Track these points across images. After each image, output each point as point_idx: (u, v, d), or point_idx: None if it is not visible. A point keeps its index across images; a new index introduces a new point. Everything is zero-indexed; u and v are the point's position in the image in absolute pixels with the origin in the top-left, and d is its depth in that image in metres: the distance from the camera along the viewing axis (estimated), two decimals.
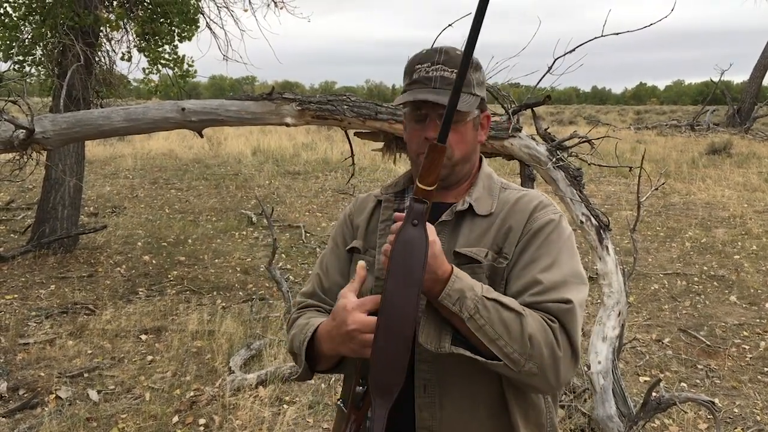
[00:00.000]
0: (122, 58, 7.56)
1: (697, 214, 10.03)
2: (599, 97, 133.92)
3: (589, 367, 3.56)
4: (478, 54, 1.42)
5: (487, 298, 1.34)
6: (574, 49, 4.02)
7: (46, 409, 3.87)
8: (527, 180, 4.37)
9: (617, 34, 4.01)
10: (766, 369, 4.60)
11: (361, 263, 1.46)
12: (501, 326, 1.32)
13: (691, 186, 12.32)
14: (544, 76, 4.13)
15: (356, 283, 1.42)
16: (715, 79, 27.15)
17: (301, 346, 1.50)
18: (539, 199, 1.57)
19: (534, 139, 4.09)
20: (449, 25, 3.81)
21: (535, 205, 1.55)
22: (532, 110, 4.20)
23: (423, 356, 1.43)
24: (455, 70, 1.47)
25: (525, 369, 1.33)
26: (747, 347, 4.99)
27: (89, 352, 4.70)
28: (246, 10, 8.30)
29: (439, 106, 1.48)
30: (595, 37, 4.07)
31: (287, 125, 4.20)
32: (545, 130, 4.13)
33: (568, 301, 1.38)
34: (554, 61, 4.04)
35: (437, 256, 1.32)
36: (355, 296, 1.39)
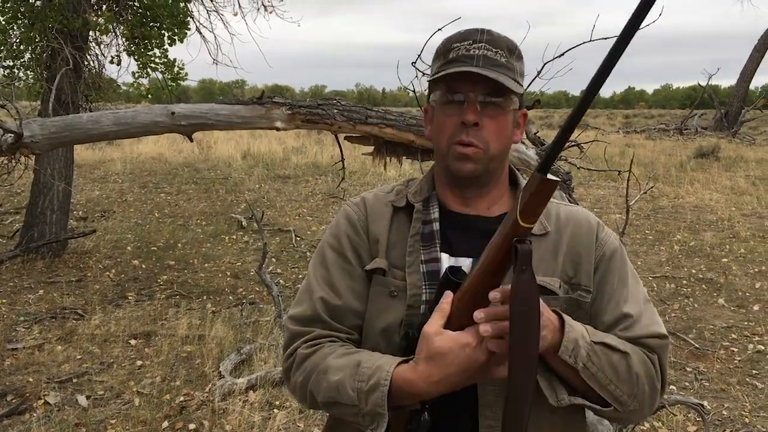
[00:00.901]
0: (111, 62, 7.54)
1: (685, 217, 10.09)
2: None
3: None
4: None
5: (596, 343, 1.24)
6: (563, 54, 4.04)
7: (35, 414, 3.85)
8: None
9: (606, 38, 4.02)
10: (754, 371, 4.63)
11: (449, 293, 1.20)
12: (611, 370, 1.25)
13: (679, 189, 12.39)
14: (533, 80, 4.15)
15: (441, 319, 1.18)
16: (703, 83, 27.37)
17: (379, 401, 1.20)
18: (592, 216, 1.46)
19: (523, 143, 4.11)
20: (439, 29, 3.81)
21: (595, 225, 1.43)
22: None
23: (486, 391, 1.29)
24: (500, 51, 1.31)
25: (630, 408, 1.29)
26: (735, 350, 5.02)
27: (78, 357, 4.68)
28: (236, 14, 8.31)
29: (480, 85, 1.29)
30: (584, 42, 4.09)
31: (277, 129, 4.20)
32: (535, 134, 4.15)
33: (664, 336, 1.36)
34: (543, 66, 4.06)
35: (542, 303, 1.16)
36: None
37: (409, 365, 1.20)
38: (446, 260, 1.35)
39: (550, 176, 1.07)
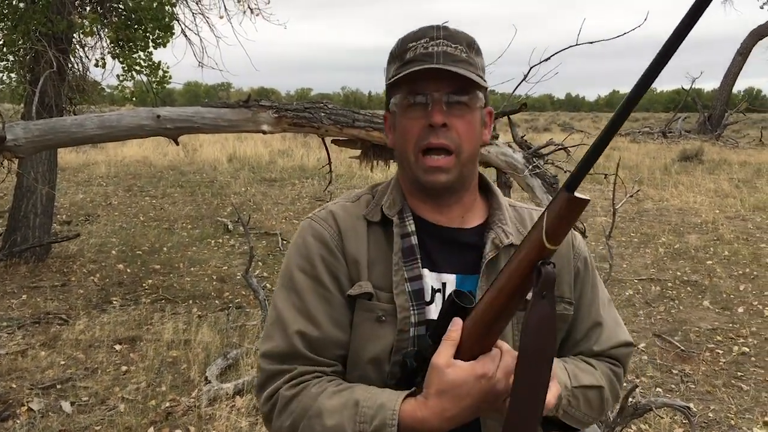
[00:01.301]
0: (96, 65, 7.48)
1: (670, 220, 10.16)
2: (573, 104, 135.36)
3: None
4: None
5: (574, 387, 1.27)
6: (549, 58, 4.06)
7: (18, 421, 3.80)
8: (503, 187, 4.40)
9: (591, 43, 4.05)
10: (739, 373, 4.66)
11: (458, 320, 1.11)
12: (587, 407, 1.30)
13: (663, 192, 12.48)
14: (519, 84, 4.17)
15: (451, 349, 1.10)
16: (686, 86, 27.59)
17: None
18: None
19: (510, 146, 4.11)
20: None
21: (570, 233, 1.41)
22: (509, 118, 4.23)
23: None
24: (460, 46, 1.24)
25: (592, 423, 1.34)
26: (720, 352, 5.06)
27: (62, 362, 4.63)
28: (222, 17, 8.27)
29: (445, 83, 1.22)
30: (570, 46, 4.12)
31: (264, 133, 4.19)
32: (522, 137, 4.16)
33: (629, 344, 1.41)
34: (530, 70, 4.08)
35: None
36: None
37: (418, 401, 1.11)
38: (429, 276, 1.29)
39: (579, 194, 0.98)
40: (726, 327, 5.58)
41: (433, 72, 1.20)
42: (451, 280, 1.30)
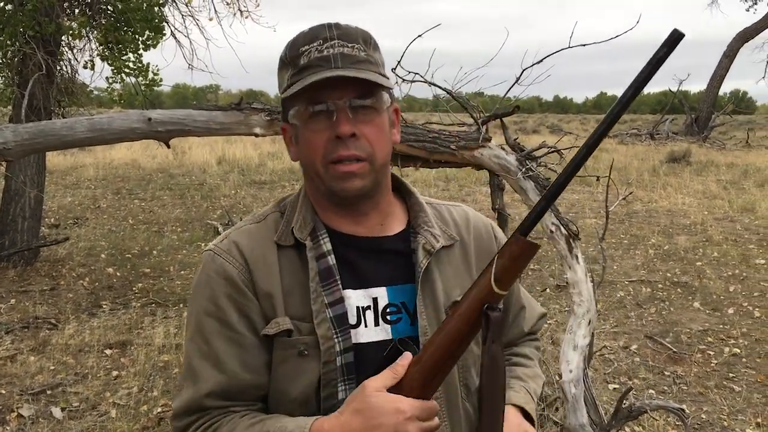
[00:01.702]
0: (85, 67, 7.43)
1: (659, 221, 10.20)
2: (561, 106, 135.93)
3: (560, 376, 3.58)
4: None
5: (533, 396, 1.37)
6: (541, 60, 4.06)
7: (8, 428, 3.76)
8: (496, 190, 4.40)
9: (584, 45, 4.05)
10: (731, 375, 4.68)
11: (408, 355, 1.10)
12: (536, 398, 1.39)
13: (652, 194, 12.53)
14: (512, 86, 4.17)
15: (389, 380, 1.07)
16: (673, 88, 27.75)
17: None
18: (480, 214, 1.43)
19: (503, 148, 4.11)
20: (419, 35, 3.82)
21: (489, 224, 1.42)
22: (501, 120, 4.22)
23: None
24: (356, 45, 1.16)
25: None
26: (712, 353, 5.08)
27: (52, 368, 4.58)
28: (211, 19, 8.26)
29: (349, 88, 1.14)
30: (563, 48, 4.11)
31: (256, 135, 4.16)
32: (514, 140, 4.15)
33: (544, 315, 1.53)
34: (522, 72, 4.07)
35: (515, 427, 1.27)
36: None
37: (333, 414, 1.10)
38: (354, 296, 1.22)
39: (530, 240, 1.02)
40: (717, 328, 5.61)
41: (335, 78, 1.12)
42: (381, 293, 1.24)
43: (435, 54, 4.05)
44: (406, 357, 1.09)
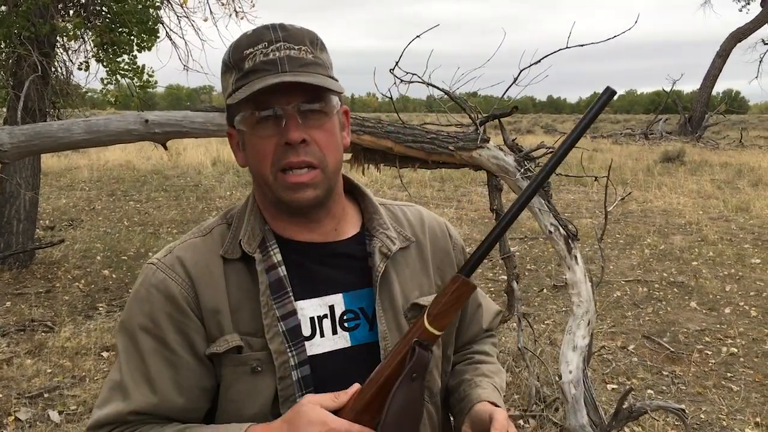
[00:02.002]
0: (80, 68, 7.40)
1: (654, 221, 10.23)
2: (555, 106, 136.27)
3: (560, 377, 3.58)
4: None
5: (500, 391, 1.35)
6: (540, 60, 4.06)
7: (5, 431, 3.73)
8: (494, 190, 4.39)
9: (582, 45, 4.06)
10: (729, 374, 4.69)
11: (356, 385, 1.08)
12: (502, 392, 1.37)
13: (647, 194, 12.56)
14: (510, 86, 4.17)
15: (330, 402, 1.07)
16: (666, 88, 27.85)
17: None
18: (434, 214, 1.41)
19: (501, 149, 4.11)
20: (417, 36, 3.81)
21: (444, 224, 1.40)
22: (499, 121, 4.22)
23: None
24: (303, 47, 1.12)
25: None
26: (709, 353, 5.09)
27: (49, 371, 4.56)
28: (206, 20, 8.22)
29: (296, 92, 1.09)
30: (560, 49, 4.11)
31: None
32: (513, 140, 4.15)
33: (500, 312, 1.55)
34: (520, 72, 4.08)
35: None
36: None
37: (266, 423, 1.10)
38: (308, 307, 1.19)
39: (469, 279, 1.04)
40: (714, 328, 5.62)
41: (283, 84, 1.08)
42: (338, 300, 1.21)
43: (427, 55, 4.05)
44: (354, 387, 1.07)
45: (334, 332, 1.20)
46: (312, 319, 1.19)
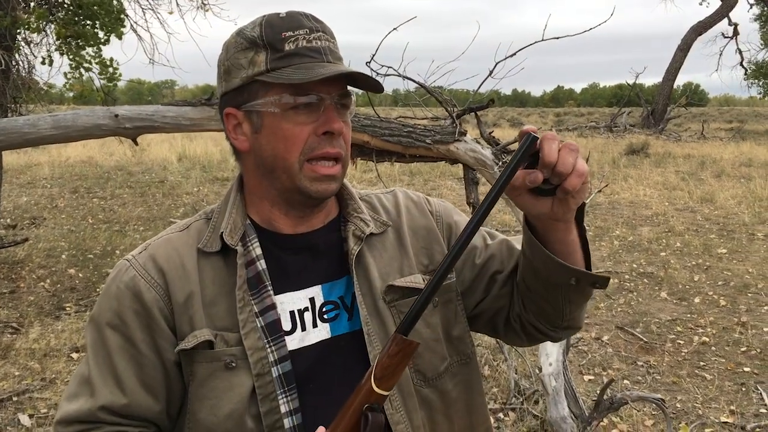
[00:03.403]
0: (43, 63, 7.20)
1: (622, 213, 10.35)
2: (519, 99, 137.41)
3: (540, 369, 3.58)
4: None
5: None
6: (515, 53, 4.06)
7: None
8: (471, 183, 4.38)
9: (557, 38, 4.06)
10: (701, 363, 4.75)
11: (321, 429, 1.05)
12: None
13: (614, 185, 12.70)
14: (485, 80, 4.16)
15: None
16: (629, 81, 28.21)
17: None
18: (412, 193, 1.38)
19: (479, 142, 4.10)
20: (394, 28, 3.77)
21: (423, 201, 1.36)
22: (476, 114, 4.21)
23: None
24: (334, 41, 1.15)
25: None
26: (681, 342, 5.15)
27: (17, 373, 4.43)
28: (171, 12, 8.08)
29: (336, 85, 1.11)
30: (536, 42, 4.12)
31: None
32: (489, 133, 4.14)
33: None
34: (495, 65, 4.07)
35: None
36: None
37: None
38: (288, 300, 1.18)
39: (410, 338, 1.02)
40: (685, 317, 5.70)
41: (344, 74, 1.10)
42: (317, 292, 1.20)
43: (391, 48, 4.01)
44: (319, 431, 1.05)
45: (315, 325, 1.19)
46: (292, 312, 1.18)
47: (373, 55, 3.85)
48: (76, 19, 6.88)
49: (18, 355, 4.69)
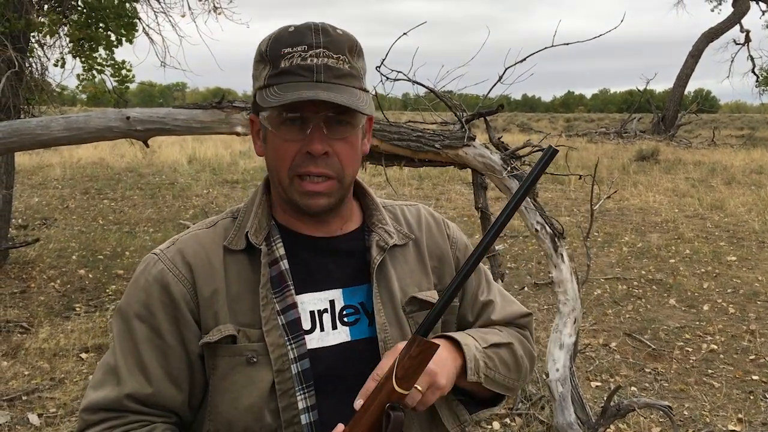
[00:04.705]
0: (56, 65, 7.25)
1: (631, 219, 10.32)
2: (529, 105, 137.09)
3: (547, 375, 3.58)
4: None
5: (485, 348, 1.25)
6: (525, 59, 4.06)
7: None
8: (479, 188, 4.39)
9: (567, 44, 4.07)
10: (709, 371, 4.73)
11: (339, 426, 1.08)
12: (504, 367, 1.28)
13: (623, 192, 12.66)
14: (494, 85, 4.16)
15: None
16: (639, 87, 28.10)
17: None
18: (433, 212, 1.41)
19: (488, 147, 4.10)
20: (405, 33, 3.79)
21: (442, 223, 1.39)
22: (485, 118, 4.22)
23: None
24: (342, 56, 1.11)
25: (518, 388, 1.35)
26: (690, 349, 5.13)
27: (26, 373, 4.46)
28: (183, 16, 8.11)
29: (328, 104, 1.08)
30: (545, 47, 4.12)
31: (238, 134, 4.09)
32: (498, 138, 4.15)
33: (528, 314, 1.43)
34: (505, 70, 4.07)
35: (443, 360, 1.14)
36: None
37: None
38: (309, 301, 1.21)
39: (431, 339, 1.05)
40: (693, 325, 5.68)
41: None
42: (337, 295, 1.23)
43: (401, 53, 4.03)
44: (338, 428, 1.07)
45: (334, 327, 1.22)
46: (312, 313, 1.20)
47: (383, 60, 3.87)
48: (89, 22, 6.93)
49: (28, 355, 4.72)
